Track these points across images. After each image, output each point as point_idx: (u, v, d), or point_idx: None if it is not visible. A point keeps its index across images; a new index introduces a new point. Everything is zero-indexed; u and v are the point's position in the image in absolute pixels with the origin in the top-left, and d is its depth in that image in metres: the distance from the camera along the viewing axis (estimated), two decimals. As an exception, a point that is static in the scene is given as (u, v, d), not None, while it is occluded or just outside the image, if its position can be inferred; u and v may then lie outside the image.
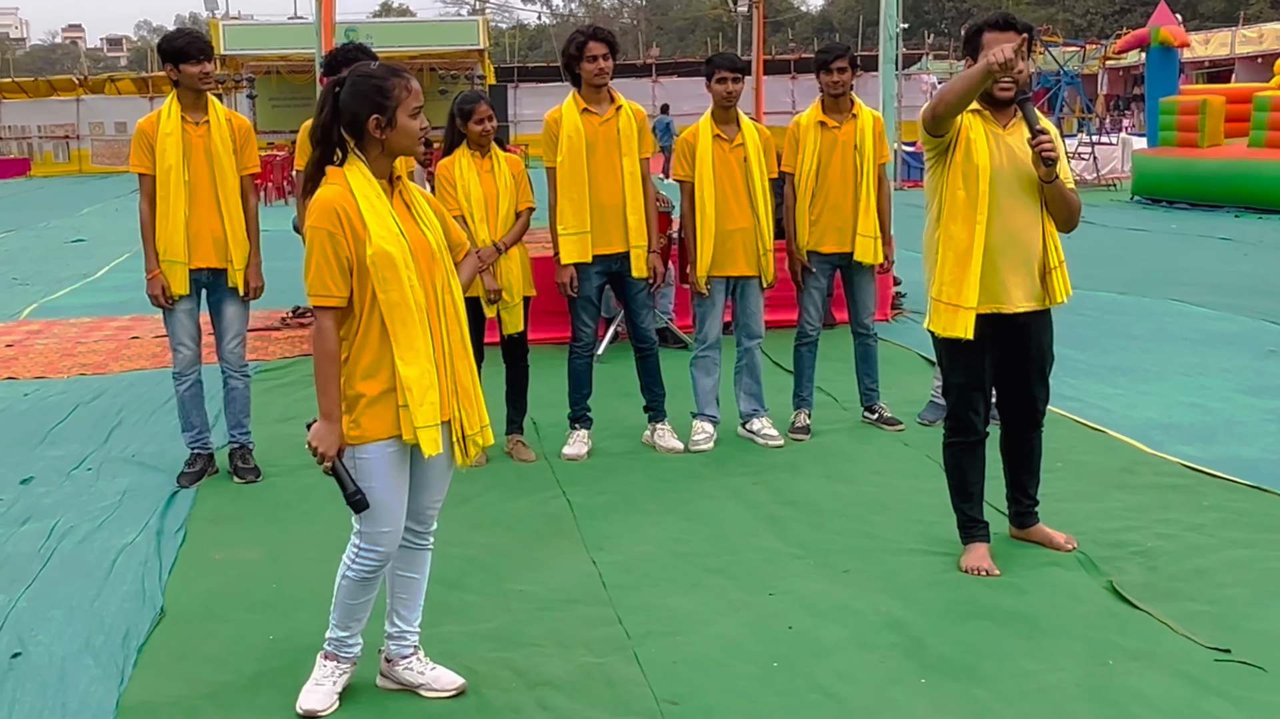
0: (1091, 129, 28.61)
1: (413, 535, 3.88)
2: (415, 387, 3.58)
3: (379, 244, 3.51)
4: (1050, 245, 4.69)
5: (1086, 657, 4.06)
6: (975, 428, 4.87)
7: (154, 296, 6.05)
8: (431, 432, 3.62)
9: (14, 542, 5.39)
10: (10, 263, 16.77)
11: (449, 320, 3.70)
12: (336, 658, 3.88)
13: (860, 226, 6.70)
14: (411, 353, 3.58)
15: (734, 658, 4.11)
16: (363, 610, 3.87)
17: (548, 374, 7.02)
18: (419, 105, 3.64)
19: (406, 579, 3.93)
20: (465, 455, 3.79)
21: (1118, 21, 52.70)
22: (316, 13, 10.79)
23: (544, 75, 47.03)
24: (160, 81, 41.82)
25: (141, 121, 6.05)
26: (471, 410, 3.77)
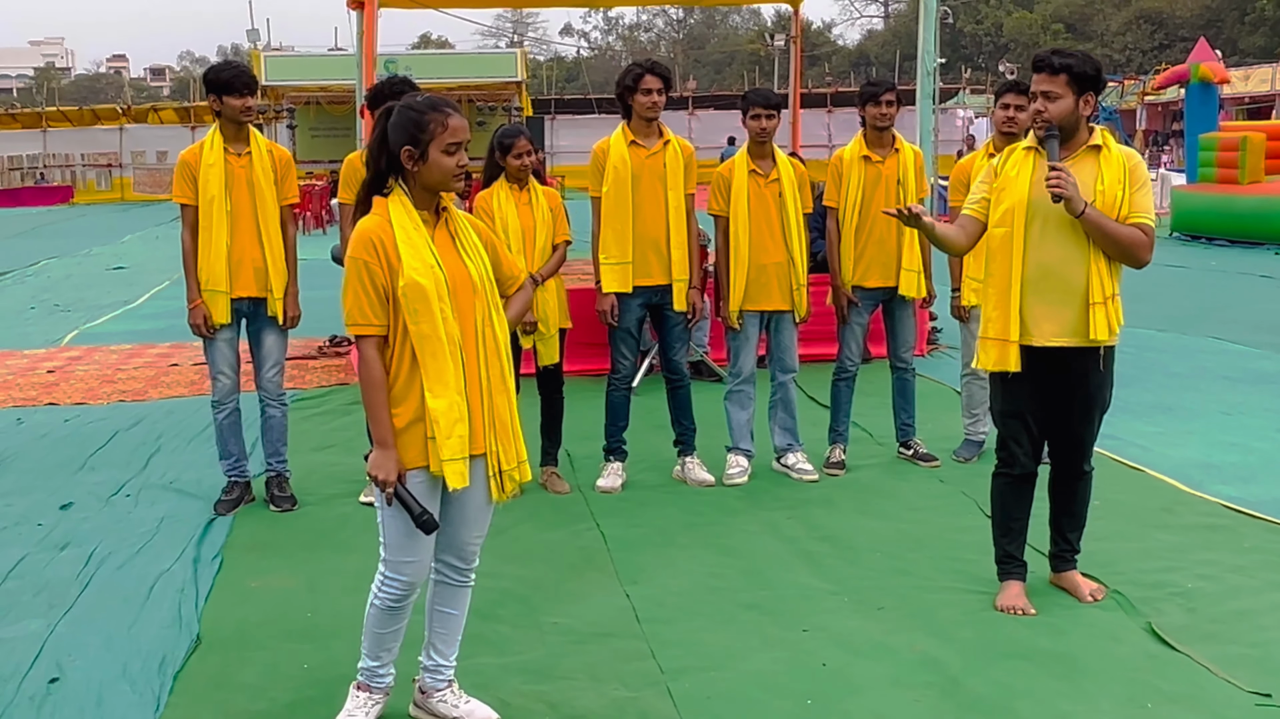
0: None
1: (453, 572, 3.89)
2: (443, 419, 3.60)
3: (410, 275, 3.54)
4: (1096, 280, 4.58)
5: (1125, 699, 4.01)
6: (1017, 460, 4.85)
7: (196, 326, 6.11)
8: (458, 465, 3.63)
9: (53, 567, 5.43)
10: (52, 289, 16.98)
11: (488, 354, 3.70)
12: (369, 688, 3.90)
13: (905, 261, 6.71)
14: (440, 385, 3.59)
15: (768, 694, 4.09)
16: (392, 640, 3.88)
17: (582, 406, 7.03)
18: (455, 142, 3.63)
19: (445, 615, 3.93)
20: (501, 491, 3.78)
21: (1157, 57, 52.53)
22: (358, 45, 10.93)
23: (581, 107, 47.29)
24: (202, 111, 42.34)
25: (185, 153, 6.13)
26: (509, 445, 3.77)
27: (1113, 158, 4.60)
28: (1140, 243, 4.59)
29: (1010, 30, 63.66)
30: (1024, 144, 4.78)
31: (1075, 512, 4.96)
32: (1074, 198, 4.48)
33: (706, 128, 39.52)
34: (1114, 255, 4.61)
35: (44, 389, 9.48)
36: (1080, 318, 4.62)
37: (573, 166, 34.60)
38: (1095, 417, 4.81)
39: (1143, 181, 4.62)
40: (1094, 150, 4.63)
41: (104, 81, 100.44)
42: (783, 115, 6.73)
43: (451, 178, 3.65)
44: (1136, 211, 4.59)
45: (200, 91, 9.84)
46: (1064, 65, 4.55)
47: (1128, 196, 4.57)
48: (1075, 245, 4.59)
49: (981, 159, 6.81)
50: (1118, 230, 4.55)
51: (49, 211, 38.35)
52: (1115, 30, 60.29)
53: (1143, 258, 4.63)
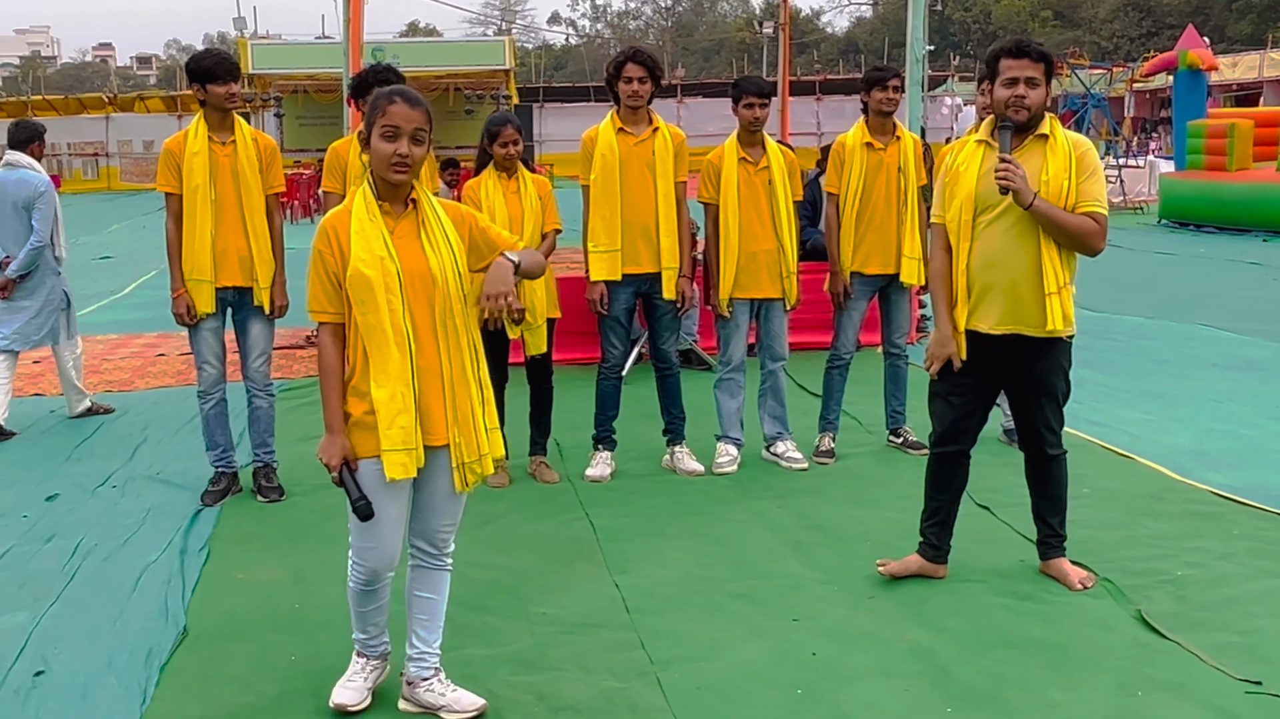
0: (1118, 152, 28.51)
1: (425, 556, 3.91)
2: (383, 410, 3.61)
3: (356, 266, 3.58)
4: (1050, 270, 4.55)
5: (1115, 687, 4.01)
6: (940, 437, 4.91)
7: (179, 315, 6.07)
8: (398, 455, 3.63)
9: (38, 559, 5.40)
10: (38, 279, 16.86)
11: (449, 347, 3.69)
12: (365, 655, 3.98)
13: (906, 248, 6.70)
14: (383, 375, 3.61)
15: (758, 685, 4.08)
16: (373, 617, 3.94)
17: (570, 395, 7.01)
18: (391, 126, 3.59)
19: (423, 600, 3.94)
20: (465, 483, 3.79)
21: (1145, 44, 52.57)
22: (344, 33, 10.86)
23: (569, 95, 47.22)
24: (188, 100, 42.18)
25: (169, 141, 6.08)
26: (470, 438, 3.75)
27: (1059, 146, 4.55)
28: (1092, 231, 4.54)
29: (999, 17, 63.69)
30: (975, 137, 4.76)
31: (1051, 495, 4.95)
32: (1022, 190, 4.45)
33: (695, 116, 39.46)
34: (1066, 245, 4.58)
35: (30, 379, 9.42)
36: (1028, 307, 4.59)
37: (561, 154, 34.57)
38: (1048, 404, 4.79)
39: (1091, 169, 4.56)
40: (1041, 139, 4.59)
41: (90, 70, 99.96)
42: (771, 103, 6.70)
43: (389, 165, 3.60)
44: (1086, 200, 4.53)
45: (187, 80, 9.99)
46: (1044, 53, 4.55)
47: (1074, 185, 4.52)
48: (1024, 236, 4.56)
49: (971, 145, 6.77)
50: (1067, 220, 4.50)
51: (35, 201, 38.09)
52: (1103, 17, 60.36)
53: (1095, 246, 4.60)
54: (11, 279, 7.88)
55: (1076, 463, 6.48)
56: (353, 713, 3.90)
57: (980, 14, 65.26)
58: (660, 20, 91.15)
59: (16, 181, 7.87)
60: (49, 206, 7.88)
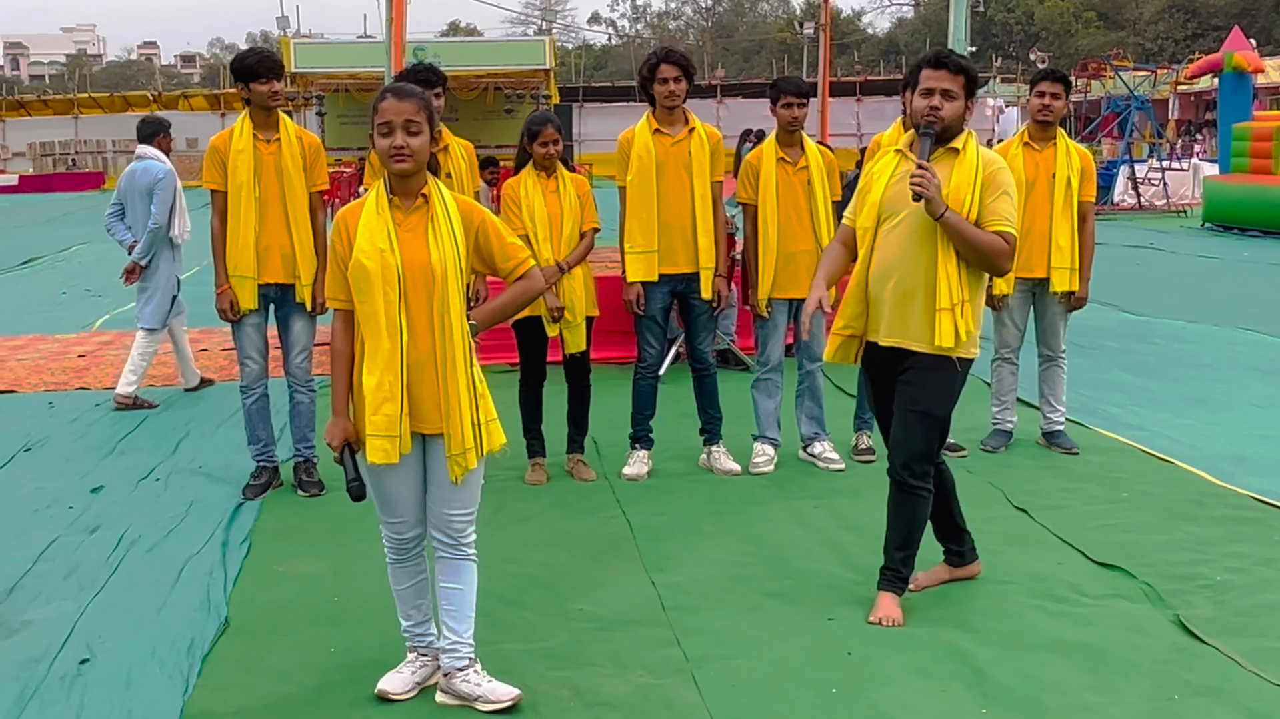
0: (1162, 154, 28.26)
1: (444, 547, 3.99)
2: (370, 396, 3.76)
3: (357, 257, 3.75)
4: (944, 285, 4.40)
5: (1153, 691, 3.99)
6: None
7: (222, 311, 6.15)
8: (379, 441, 3.77)
9: (84, 549, 5.48)
10: (84, 275, 17.10)
11: (444, 340, 3.79)
12: (414, 648, 4.06)
13: None
14: (373, 363, 3.76)
15: (793, 683, 4.09)
16: (412, 598, 4.04)
17: (608, 394, 7.03)
18: (384, 123, 3.75)
19: (449, 590, 4.01)
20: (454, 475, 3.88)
21: (1190, 46, 52.04)
22: (387, 32, 10.94)
23: (609, 95, 47.32)
24: (231, 98, 42.59)
25: (215, 139, 6.16)
26: (457, 432, 3.83)
27: (967, 161, 4.46)
28: (1000, 250, 4.41)
29: (1042, 18, 63.22)
30: (895, 146, 4.69)
31: (900, 528, 4.63)
32: (934, 199, 4.34)
33: (734, 116, 39.34)
34: (973, 261, 4.44)
35: (75, 373, 9.56)
36: (917, 321, 4.46)
37: (600, 154, 34.62)
38: (917, 423, 4.52)
39: (1002, 189, 4.44)
40: (952, 153, 4.49)
41: (135, 68, 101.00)
42: (811, 104, 6.70)
43: (388, 158, 3.75)
44: (995, 219, 4.41)
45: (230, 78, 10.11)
46: (965, 67, 4.46)
47: (976, 201, 4.41)
48: (922, 248, 4.45)
49: (1016, 147, 6.78)
50: (977, 236, 4.38)
51: (80, 197, 38.61)
52: (1148, 19, 59.76)
53: (1002, 266, 4.48)
54: (139, 263, 8.67)
55: (1116, 467, 6.52)
56: (393, 700, 3.96)
57: (1023, 15, 64.78)
58: (700, 21, 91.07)
59: (143, 171, 8.73)
60: (167, 193, 8.68)
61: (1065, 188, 6.64)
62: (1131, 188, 25.60)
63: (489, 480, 5.76)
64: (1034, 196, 6.67)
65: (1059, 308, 6.85)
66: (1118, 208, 25.00)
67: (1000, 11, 64.28)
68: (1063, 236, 6.66)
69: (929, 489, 4.62)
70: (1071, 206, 6.67)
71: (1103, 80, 31.88)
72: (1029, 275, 6.77)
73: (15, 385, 9.11)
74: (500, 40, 43.99)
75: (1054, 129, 6.76)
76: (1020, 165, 6.68)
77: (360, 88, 34.89)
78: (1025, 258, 6.72)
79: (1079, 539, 5.39)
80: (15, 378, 9.38)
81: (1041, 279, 6.77)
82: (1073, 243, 6.68)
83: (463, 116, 27.66)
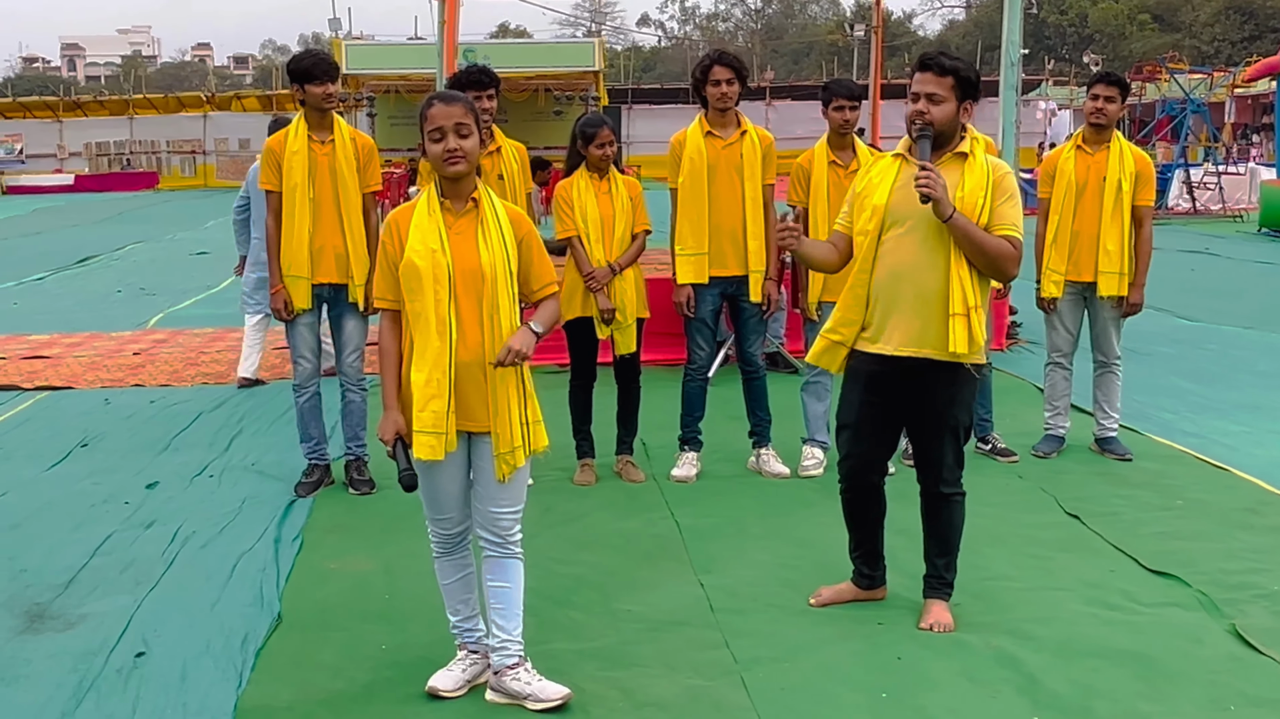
0: (1218, 158, 27.91)
1: (491, 545, 4.03)
2: (418, 393, 3.84)
3: (409, 256, 3.84)
4: (958, 290, 4.33)
5: (1207, 702, 3.95)
6: (849, 471, 4.70)
7: (277, 310, 6.21)
8: (427, 438, 3.83)
9: (140, 544, 5.56)
10: (138, 273, 17.34)
11: (494, 340, 3.86)
12: (464, 647, 4.10)
13: None
14: (422, 360, 3.84)
15: (842, 687, 4.08)
16: (459, 593, 4.10)
17: (657, 396, 7.04)
18: (435, 129, 3.84)
19: (496, 588, 4.04)
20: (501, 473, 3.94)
21: (1246, 49, 51.32)
22: (439, 34, 11.04)
23: (658, 97, 47.31)
24: (284, 99, 42.99)
25: (270, 140, 6.22)
26: (505, 430, 3.90)
27: (977, 166, 4.40)
28: (1008, 255, 4.35)
29: (1095, 21, 62.56)
30: (893, 150, 4.62)
31: (939, 535, 4.64)
32: (942, 199, 4.28)
33: (784, 118, 39.34)
34: (980, 266, 4.38)
35: (130, 371, 9.69)
36: (935, 329, 4.37)
37: (649, 156, 34.64)
38: (947, 436, 4.51)
39: (1009, 194, 4.39)
40: (960, 157, 4.43)
41: (189, 69, 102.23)
42: (862, 106, 6.68)
43: (442, 161, 3.84)
44: (1002, 224, 4.35)
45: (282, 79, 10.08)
46: (952, 68, 4.37)
47: (989, 206, 4.35)
48: (934, 252, 4.38)
49: (1069, 150, 6.73)
50: (985, 239, 4.32)
51: (135, 197, 39.17)
52: (1204, 21, 58.98)
53: (1009, 271, 4.42)
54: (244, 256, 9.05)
55: (1170, 474, 6.45)
56: (444, 698, 4.00)
57: (1076, 18, 64.14)
58: (749, 23, 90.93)
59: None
60: None
61: (1116, 191, 6.57)
62: (1186, 192, 25.32)
63: (538, 481, 5.82)
64: (1084, 200, 6.62)
65: (1111, 312, 6.78)
66: (1172, 212, 24.72)
67: (1053, 14, 63.67)
68: (1111, 241, 6.60)
69: (963, 493, 4.64)
70: (1123, 210, 6.60)
71: (1158, 83, 31.56)
72: (1078, 279, 6.72)
73: (72, 382, 9.25)
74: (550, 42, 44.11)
75: (1109, 132, 6.69)
76: (1072, 168, 6.63)
77: (410, 89, 35.13)
78: (1075, 261, 6.68)
79: (1132, 546, 5.34)
80: (72, 374, 9.53)
81: (1091, 283, 6.71)
82: (1122, 247, 6.61)
83: (512, 118, 27.77)
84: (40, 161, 45.24)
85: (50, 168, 44.96)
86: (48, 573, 5.20)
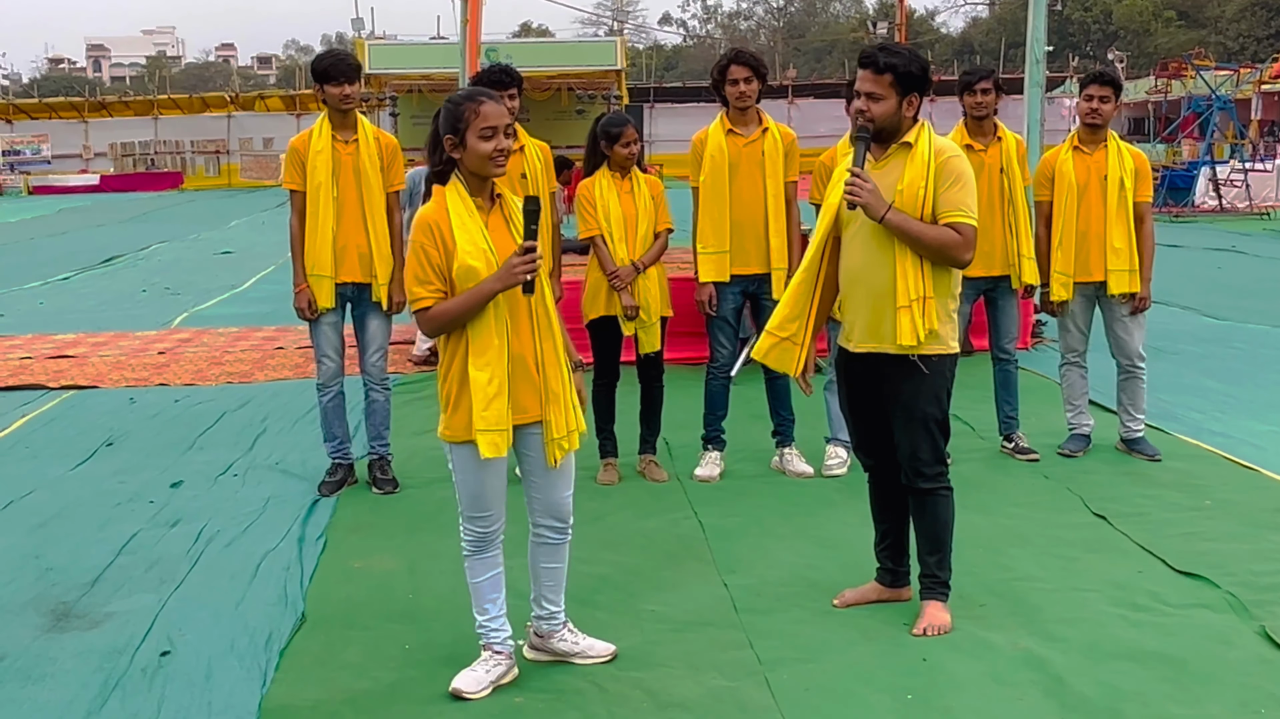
0: (1245, 156, 27.70)
1: (552, 532, 4.16)
2: (480, 393, 3.86)
3: (464, 259, 3.83)
4: (902, 283, 4.31)
5: (1237, 704, 3.91)
6: (863, 465, 4.81)
7: (300, 309, 6.22)
8: (491, 436, 3.87)
9: (164, 543, 5.58)
10: (163, 273, 17.42)
11: (540, 330, 3.95)
12: (489, 647, 4.11)
13: (1023, 248, 6.65)
14: (483, 359, 3.87)
15: (867, 688, 4.05)
16: (488, 592, 4.10)
17: (680, 395, 7.02)
18: (489, 127, 3.84)
19: (550, 569, 4.22)
20: (554, 458, 4.02)
21: (1273, 45, 50.95)
22: (462, 34, 11.03)
23: (680, 96, 47.25)
24: (307, 99, 43.20)
25: (294, 140, 6.24)
26: (559, 416, 3.98)
27: (918, 155, 4.34)
28: (952, 242, 4.29)
29: (1120, 17, 62.23)
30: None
31: (926, 533, 4.58)
32: (870, 204, 4.27)
33: (807, 116, 39.23)
34: (926, 257, 4.34)
35: (155, 370, 9.73)
36: (888, 323, 4.37)
37: (671, 155, 34.60)
38: (918, 429, 4.45)
39: (954, 177, 4.31)
40: (905, 148, 4.38)
41: (213, 70, 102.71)
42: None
43: (489, 162, 3.86)
44: (948, 209, 4.30)
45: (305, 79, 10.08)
46: (889, 65, 4.29)
47: (931, 195, 4.31)
48: (880, 249, 4.36)
49: (1066, 151, 6.71)
50: (924, 232, 4.29)
51: (160, 197, 39.39)
52: (1230, 17, 58.57)
53: (958, 258, 4.34)
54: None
55: (1198, 474, 6.40)
56: (468, 699, 4.00)
57: (1100, 14, 63.82)
58: (772, 21, 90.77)
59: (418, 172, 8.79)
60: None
61: (1119, 189, 6.57)
62: (1213, 189, 25.14)
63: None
64: (1087, 200, 6.62)
65: (1123, 310, 6.73)
66: (1199, 209, 24.56)
67: (1078, 10, 63.34)
68: (1118, 239, 6.58)
69: (947, 487, 4.58)
70: (1126, 208, 6.59)
71: (1183, 80, 31.35)
72: (1087, 279, 6.69)
73: (98, 381, 9.30)
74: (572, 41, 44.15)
75: (1104, 132, 6.68)
76: (1071, 169, 6.62)
77: (433, 88, 35.16)
78: (1082, 261, 6.66)
79: (1160, 547, 5.29)
80: (98, 374, 9.57)
81: (1100, 282, 6.67)
82: (1129, 244, 6.60)
83: (534, 117, 27.77)
84: (66, 162, 45.53)
85: (76, 168, 45.25)
86: (73, 571, 5.22)
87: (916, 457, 4.50)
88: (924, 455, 4.50)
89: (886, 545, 4.81)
